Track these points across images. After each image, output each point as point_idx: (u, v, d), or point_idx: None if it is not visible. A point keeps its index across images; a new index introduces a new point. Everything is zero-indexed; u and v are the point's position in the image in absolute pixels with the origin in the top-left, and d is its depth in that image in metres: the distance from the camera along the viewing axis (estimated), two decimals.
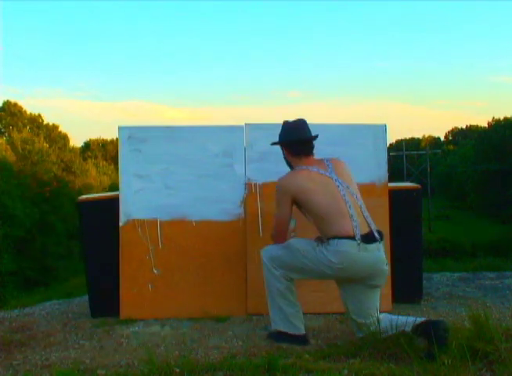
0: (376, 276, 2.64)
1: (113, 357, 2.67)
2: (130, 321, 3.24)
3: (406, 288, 3.47)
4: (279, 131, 3.39)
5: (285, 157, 2.92)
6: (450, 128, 72.74)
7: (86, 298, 3.72)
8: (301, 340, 2.74)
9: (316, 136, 2.87)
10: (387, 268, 2.68)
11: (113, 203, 3.36)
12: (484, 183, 35.07)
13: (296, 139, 2.84)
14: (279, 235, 2.83)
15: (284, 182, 2.77)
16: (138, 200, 3.33)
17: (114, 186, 20.68)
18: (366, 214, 2.71)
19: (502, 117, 39.94)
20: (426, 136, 71.74)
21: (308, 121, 2.98)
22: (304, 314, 3.28)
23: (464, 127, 68.66)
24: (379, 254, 2.62)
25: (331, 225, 2.63)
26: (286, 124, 2.93)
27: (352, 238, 2.56)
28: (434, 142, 67.77)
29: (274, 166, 3.37)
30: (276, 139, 3.48)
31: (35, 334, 3.15)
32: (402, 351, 2.30)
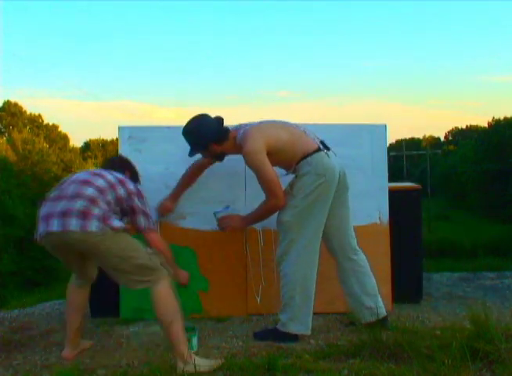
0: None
1: (113, 357, 2.67)
2: (130, 321, 3.24)
3: (406, 288, 3.48)
4: None
5: (216, 153, 2.90)
6: (450, 128, 72.63)
7: None
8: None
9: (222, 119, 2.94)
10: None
11: None
12: (485, 183, 35.04)
13: (218, 130, 2.83)
14: (280, 196, 2.74)
15: (255, 143, 2.69)
16: None
17: None
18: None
19: (502, 117, 39.90)
20: (426, 136, 71.68)
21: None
22: None
23: (464, 127, 68.61)
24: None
25: (300, 147, 2.78)
26: (195, 127, 2.84)
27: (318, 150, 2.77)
28: (434, 142, 67.71)
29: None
30: None
31: (35, 334, 3.15)
32: (402, 351, 2.30)
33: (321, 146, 2.80)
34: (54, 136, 32.73)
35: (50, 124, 33.79)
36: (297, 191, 2.77)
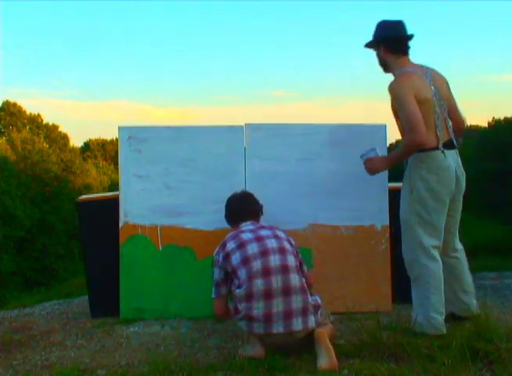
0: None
1: (113, 357, 2.67)
2: (130, 321, 3.24)
3: (406, 288, 3.47)
4: (278, 131, 3.40)
5: (381, 58, 2.90)
6: None
7: (86, 298, 3.72)
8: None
9: (413, 35, 2.85)
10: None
11: (113, 203, 3.36)
12: (485, 183, 35.02)
13: (394, 36, 2.82)
14: (420, 130, 2.62)
15: (403, 83, 2.71)
16: (138, 200, 3.33)
17: (114, 186, 20.66)
18: (449, 124, 2.85)
19: (502, 117, 39.87)
20: None
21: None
22: None
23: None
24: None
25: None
26: (382, 22, 2.88)
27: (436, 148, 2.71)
28: None
29: (274, 166, 3.38)
30: (276, 141, 3.48)
31: (35, 334, 3.15)
32: (402, 351, 2.30)
33: (440, 145, 2.74)
34: (54, 136, 32.70)
35: (50, 124, 33.76)
36: (411, 188, 2.77)
